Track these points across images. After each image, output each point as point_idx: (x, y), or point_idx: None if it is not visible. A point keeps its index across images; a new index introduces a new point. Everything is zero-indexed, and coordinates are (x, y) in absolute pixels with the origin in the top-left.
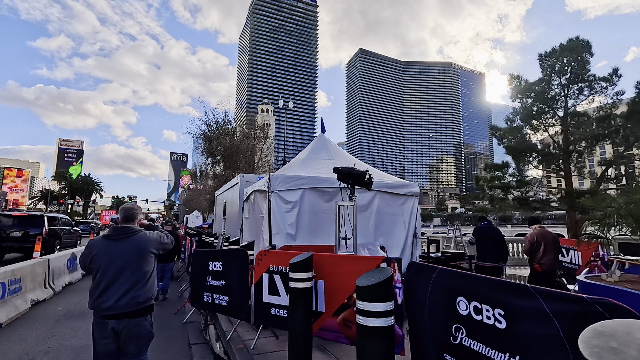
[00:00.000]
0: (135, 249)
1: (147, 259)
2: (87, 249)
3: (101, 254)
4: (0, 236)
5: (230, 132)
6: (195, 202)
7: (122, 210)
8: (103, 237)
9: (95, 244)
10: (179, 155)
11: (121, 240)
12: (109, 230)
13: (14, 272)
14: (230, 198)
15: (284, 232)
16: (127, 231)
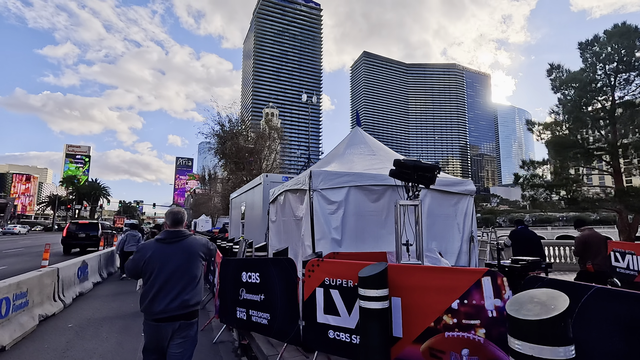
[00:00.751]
0: (186, 253)
1: (197, 262)
2: (139, 253)
3: (154, 258)
4: (72, 237)
5: (244, 132)
6: (203, 206)
7: (171, 215)
8: (156, 241)
9: (148, 247)
10: (185, 159)
11: (173, 244)
12: (161, 233)
13: (19, 284)
14: (251, 200)
15: (329, 237)
16: (179, 235)
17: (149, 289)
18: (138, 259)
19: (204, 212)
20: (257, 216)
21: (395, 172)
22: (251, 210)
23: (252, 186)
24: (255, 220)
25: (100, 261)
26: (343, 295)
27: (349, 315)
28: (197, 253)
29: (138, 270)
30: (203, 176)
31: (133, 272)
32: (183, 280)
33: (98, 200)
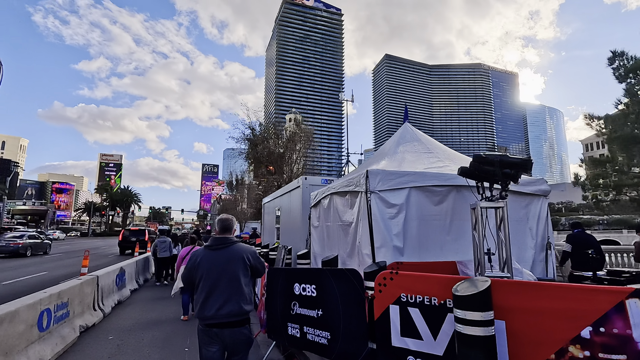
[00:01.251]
0: (233, 259)
1: (244, 269)
2: (190, 261)
3: (202, 264)
4: (126, 240)
5: (274, 135)
6: (230, 211)
7: (220, 222)
8: (204, 248)
9: (198, 254)
10: (211, 166)
11: (220, 250)
12: (210, 240)
13: (60, 294)
14: (287, 204)
15: (390, 245)
16: (226, 241)
17: (199, 295)
18: (190, 267)
19: None
20: (295, 221)
21: (470, 169)
22: (288, 215)
23: (289, 190)
24: (293, 226)
25: (137, 267)
26: (426, 315)
27: (435, 339)
28: (243, 259)
29: (192, 278)
30: (230, 181)
31: (187, 280)
32: (230, 287)
33: (130, 207)
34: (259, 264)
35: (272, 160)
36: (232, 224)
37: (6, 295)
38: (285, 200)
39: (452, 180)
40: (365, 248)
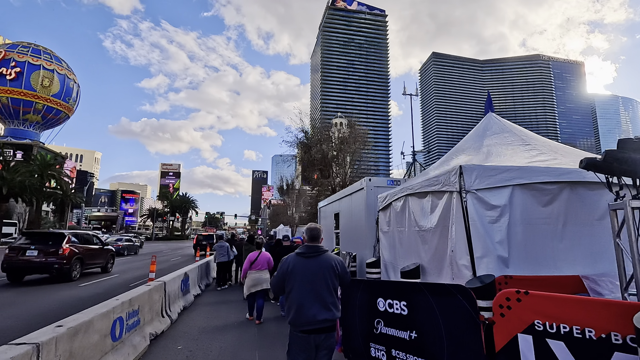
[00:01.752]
0: (324, 267)
1: (334, 277)
2: (282, 267)
3: (296, 271)
4: (199, 244)
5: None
6: (280, 216)
7: (309, 231)
8: (296, 255)
9: (290, 261)
10: (260, 172)
11: (312, 258)
12: (301, 247)
13: (131, 302)
14: (348, 208)
15: (494, 255)
16: (317, 250)
17: (293, 302)
18: (281, 274)
19: (282, 222)
20: (358, 226)
21: (608, 160)
22: (349, 220)
23: (350, 192)
24: (356, 231)
25: (199, 272)
26: (577, 352)
27: None
28: (333, 268)
29: (281, 283)
30: (281, 186)
31: (277, 287)
32: (324, 294)
33: (188, 212)
34: (345, 274)
35: (326, 163)
36: (320, 233)
37: (80, 299)
38: (345, 204)
39: (567, 175)
40: (462, 258)
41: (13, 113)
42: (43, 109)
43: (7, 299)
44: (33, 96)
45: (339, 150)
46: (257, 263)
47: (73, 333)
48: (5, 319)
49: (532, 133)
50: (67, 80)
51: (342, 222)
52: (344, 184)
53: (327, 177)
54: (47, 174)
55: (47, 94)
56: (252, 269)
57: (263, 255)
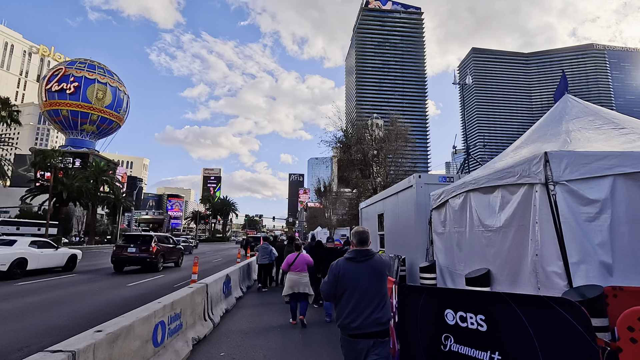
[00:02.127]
0: (374, 271)
1: (384, 280)
2: (331, 273)
3: (347, 276)
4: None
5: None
6: (318, 218)
7: (357, 234)
8: (346, 260)
9: (340, 267)
10: (296, 175)
11: (362, 262)
12: (350, 252)
13: (173, 305)
14: (393, 208)
15: (595, 260)
16: (367, 254)
17: (344, 307)
18: (332, 280)
19: (320, 225)
20: (407, 227)
21: None
22: (395, 220)
23: (396, 191)
24: (404, 232)
25: (241, 274)
26: None
27: None
28: (384, 272)
29: (333, 291)
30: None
31: (328, 293)
32: (375, 299)
33: (228, 215)
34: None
35: (366, 163)
36: (368, 236)
37: (125, 300)
38: (390, 204)
39: None
40: (552, 264)
41: (72, 124)
42: (97, 119)
43: (64, 297)
44: (89, 108)
45: (379, 149)
46: (296, 265)
47: (113, 339)
48: (59, 317)
49: (619, 114)
50: (118, 92)
51: (387, 223)
52: (385, 185)
53: (367, 177)
54: (101, 180)
55: (101, 105)
56: (291, 271)
57: (302, 257)
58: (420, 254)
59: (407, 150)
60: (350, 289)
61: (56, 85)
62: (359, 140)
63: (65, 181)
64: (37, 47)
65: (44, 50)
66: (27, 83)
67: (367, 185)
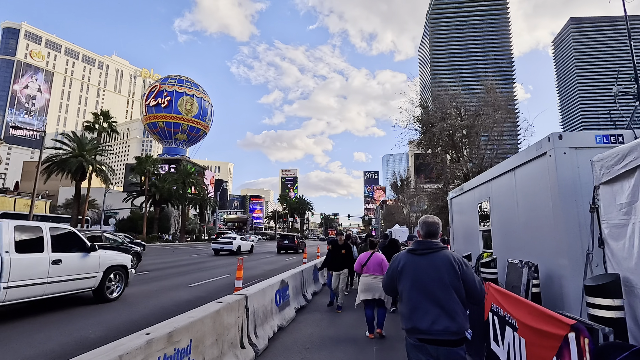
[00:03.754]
0: (442, 265)
1: (455, 278)
2: (392, 266)
3: (406, 270)
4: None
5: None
6: (395, 215)
7: (425, 225)
8: (407, 252)
9: (400, 259)
10: (371, 173)
11: (427, 255)
12: (413, 243)
13: (172, 336)
14: (507, 192)
15: None
16: (431, 246)
17: (405, 305)
18: (390, 273)
19: (397, 222)
20: (537, 217)
21: None
22: (510, 209)
23: (512, 167)
24: (530, 226)
25: (303, 278)
26: None
27: None
28: (453, 266)
29: (394, 285)
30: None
31: (387, 287)
32: (442, 298)
33: (305, 214)
34: (471, 277)
35: (453, 145)
36: (438, 229)
37: (178, 305)
38: (502, 186)
39: None
40: None
41: (167, 134)
42: (187, 128)
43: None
44: (180, 119)
45: (470, 126)
46: (368, 266)
47: None
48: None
49: None
50: (203, 102)
51: (497, 215)
52: (480, 170)
53: (456, 161)
54: (188, 182)
55: (189, 115)
56: (364, 273)
57: (376, 257)
58: (570, 260)
59: (507, 125)
60: (413, 284)
61: (153, 101)
62: (443, 116)
63: (158, 184)
64: (140, 71)
65: (145, 72)
66: (133, 102)
67: (456, 172)
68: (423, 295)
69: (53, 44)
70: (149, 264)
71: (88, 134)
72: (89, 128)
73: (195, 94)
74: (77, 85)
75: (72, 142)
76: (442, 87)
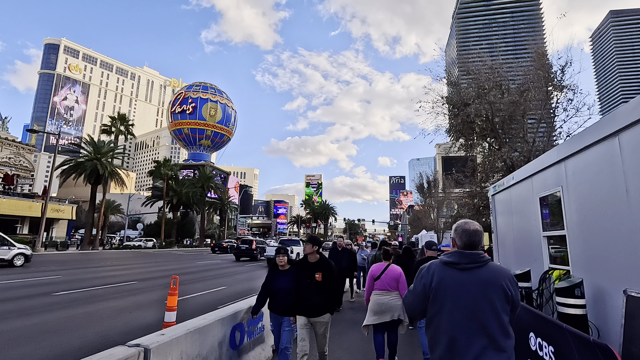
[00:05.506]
0: (490, 285)
1: (504, 302)
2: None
3: (446, 288)
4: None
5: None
6: (422, 221)
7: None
8: (443, 264)
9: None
10: (397, 177)
11: (470, 271)
12: (451, 254)
13: None
14: (604, 174)
15: None
16: (477, 259)
17: (441, 333)
18: (420, 289)
19: (424, 228)
20: None
21: None
22: (606, 202)
23: (611, 131)
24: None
25: None
26: None
27: None
28: (504, 289)
29: (421, 305)
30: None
31: (414, 307)
32: (491, 326)
33: (328, 219)
34: (518, 297)
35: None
36: (481, 238)
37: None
38: (584, 166)
39: None
40: None
41: (192, 140)
42: (211, 134)
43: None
44: (204, 125)
45: (515, 105)
46: (383, 280)
47: None
48: None
49: None
50: (227, 108)
51: (576, 212)
52: (529, 159)
53: (497, 150)
54: (207, 185)
55: (213, 121)
56: (376, 289)
57: (392, 270)
58: None
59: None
60: (448, 309)
61: (178, 108)
62: (480, 92)
63: (176, 188)
64: (169, 80)
65: (174, 82)
66: (163, 111)
67: (497, 164)
68: (467, 322)
69: (89, 57)
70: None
71: (106, 137)
72: (105, 131)
73: (219, 100)
74: (111, 95)
75: (89, 146)
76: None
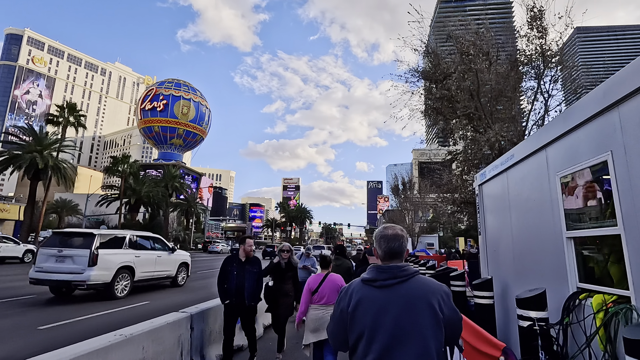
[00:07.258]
0: (416, 305)
1: (434, 324)
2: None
3: (365, 311)
4: None
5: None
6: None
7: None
8: (362, 282)
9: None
10: (375, 182)
11: (389, 288)
12: (369, 270)
13: None
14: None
15: None
16: (398, 273)
17: None
18: (339, 316)
19: None
20: None
21: None
22: None
23: None
24: None
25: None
26: None
27: None
28: (432, 308)
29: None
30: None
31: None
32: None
33: (304, 223)
34: (455, 319)
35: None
36: (403, 244)
37: None
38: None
39: None
40: None
41: (162, 139)
42: (183, 133)
43: None
44: (176, 123)
45: (505, 78)
46: (322, 292)
47: None
48: None
49: None
50: (200, 107)
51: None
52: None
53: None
54: (172, 185)
55: (186, 120)
56: (314, 303)
57: (331, 279)
58: None
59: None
60: (367, 337)
61: (149, 104)
62: (463, 59)
63: (134, 186)
64: (143, 78)
65: (148, 80)
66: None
67: (482, 146)
68: (387, 350)
69: (56, 50)
70: None
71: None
72: (51, 122)
73: (192, 97)
74: (79, 91)
75: (28, 136)
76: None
